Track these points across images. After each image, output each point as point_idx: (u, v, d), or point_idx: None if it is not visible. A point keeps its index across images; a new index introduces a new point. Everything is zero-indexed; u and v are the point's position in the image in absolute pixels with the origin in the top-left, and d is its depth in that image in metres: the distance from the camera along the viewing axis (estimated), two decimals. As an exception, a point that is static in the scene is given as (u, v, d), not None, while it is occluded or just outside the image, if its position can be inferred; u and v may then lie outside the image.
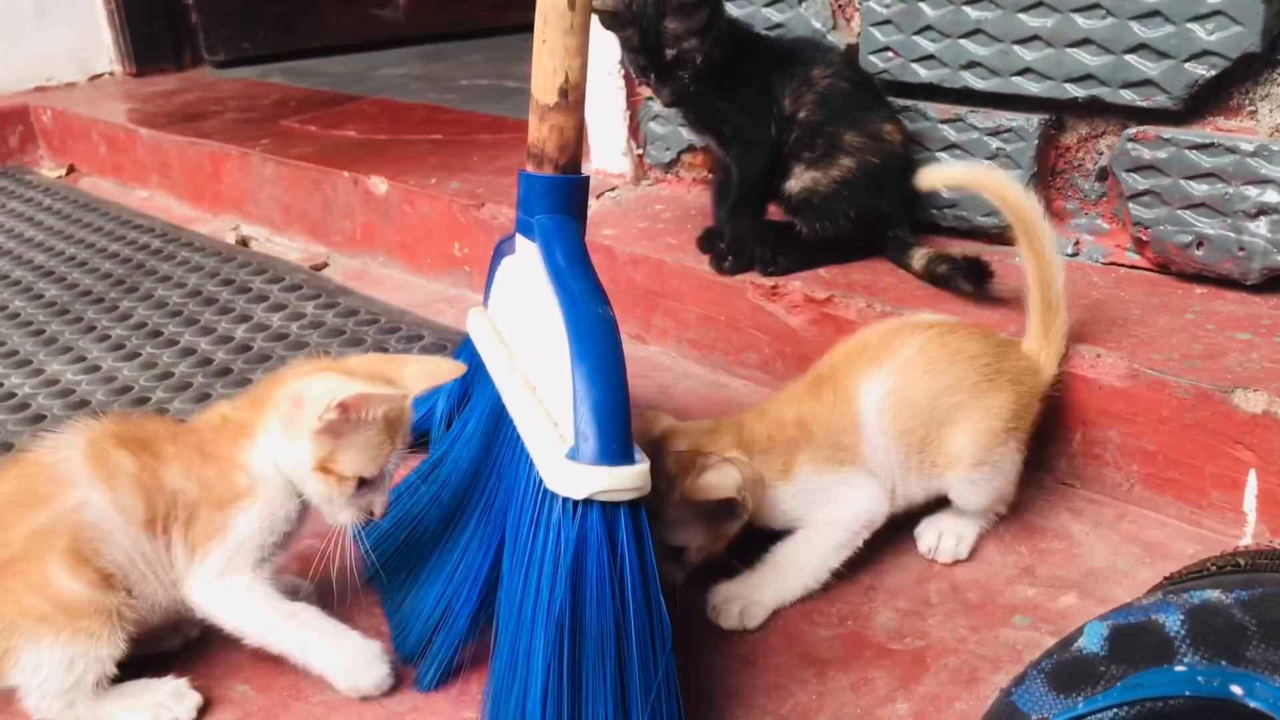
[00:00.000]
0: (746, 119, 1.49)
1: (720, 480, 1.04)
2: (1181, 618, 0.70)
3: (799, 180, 1.50)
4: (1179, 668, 0.67)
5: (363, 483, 0.99)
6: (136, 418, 1.05)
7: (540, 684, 0.82)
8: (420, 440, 1.36)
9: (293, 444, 0.98)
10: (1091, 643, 0.72)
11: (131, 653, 0.99)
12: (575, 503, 0.84)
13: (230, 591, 1.00)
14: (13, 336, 1.84)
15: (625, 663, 0.84)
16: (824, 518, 1.12)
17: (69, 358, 1.74)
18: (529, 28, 1.04)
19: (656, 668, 0.84)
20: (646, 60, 1.45)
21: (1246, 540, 1.14)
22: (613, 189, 1.91)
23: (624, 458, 0.85)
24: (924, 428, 1.12)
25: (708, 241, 1.62)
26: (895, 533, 1.19)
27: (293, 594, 1.12)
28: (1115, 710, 0.65)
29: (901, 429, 1.12)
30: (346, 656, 1.01)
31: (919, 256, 1.45)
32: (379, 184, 2.06)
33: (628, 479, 0.84)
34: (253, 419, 1.01)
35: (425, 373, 1.03)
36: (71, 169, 3.01)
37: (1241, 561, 0.89)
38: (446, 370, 1.05)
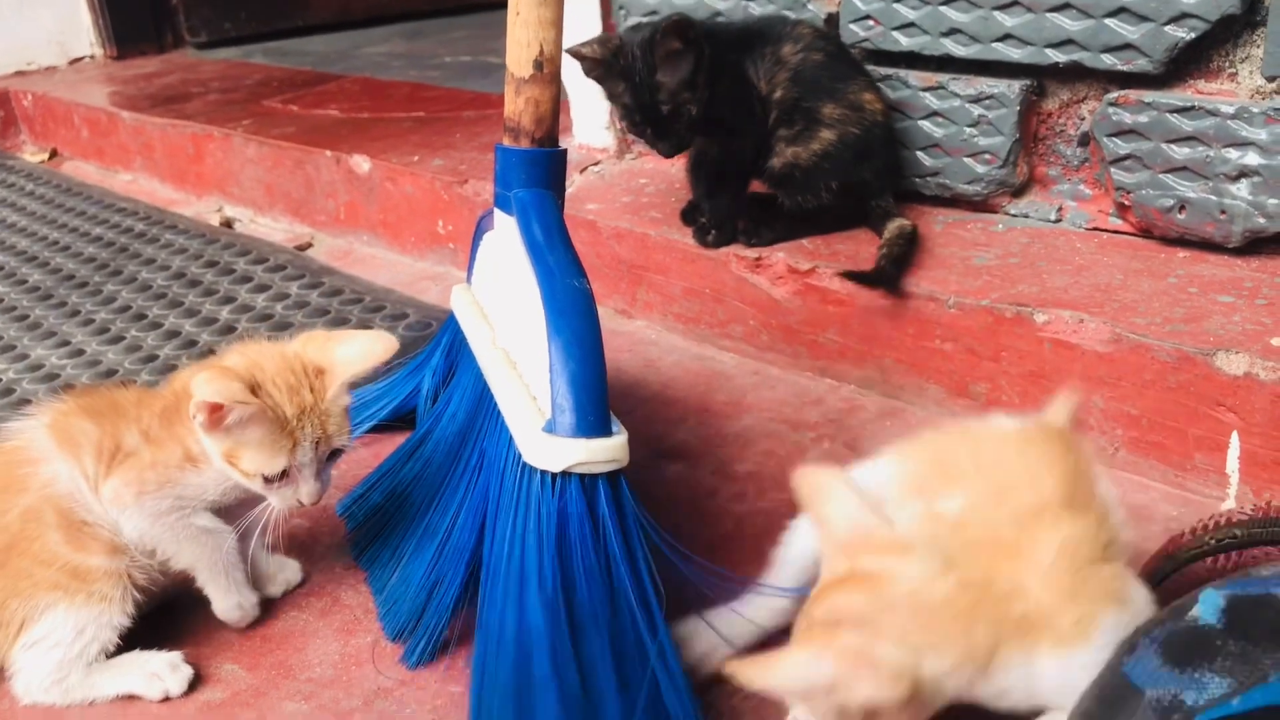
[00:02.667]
0: (728, 111, 1.47)
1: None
2: None
3: (781, 157, 1.50)
4: None
5: (283, 475, 0.97)
6: (107, 388, 1.06)
7: (545, 659, 0.83)
8: (406, 418, 1.37)
9: (204, 432, 0.97)
10: (1208, 613, 0.68)
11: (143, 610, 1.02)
12: (554, 476, 0.84)
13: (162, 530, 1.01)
14: (-4, 322, 1.84)
15: (619, 631, 0.84)
16: None
17: (53, 342, 1.73)
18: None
19: (654, 632, 0.84)
20: (642, 118, 1.44)
21: (1230, 502, 1.15)
22: (596, 164, 1.91)
23: (601, 430, 0.85)
24: None
25: (691, 215, 1.61)
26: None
27: (280, 572, 1.13)
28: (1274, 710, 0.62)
29: None
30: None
31: (889, 230, 1.45)
32: (362, 162, 2.05)
33: (605, 451, 0.84)
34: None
35: (357, 355, 1.01)
36: (54, 153, 2.99)
37: (1239, 533, 0.89)
38: (380, 350, 1.01)
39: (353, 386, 1.03)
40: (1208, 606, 0.68)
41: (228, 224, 2.32)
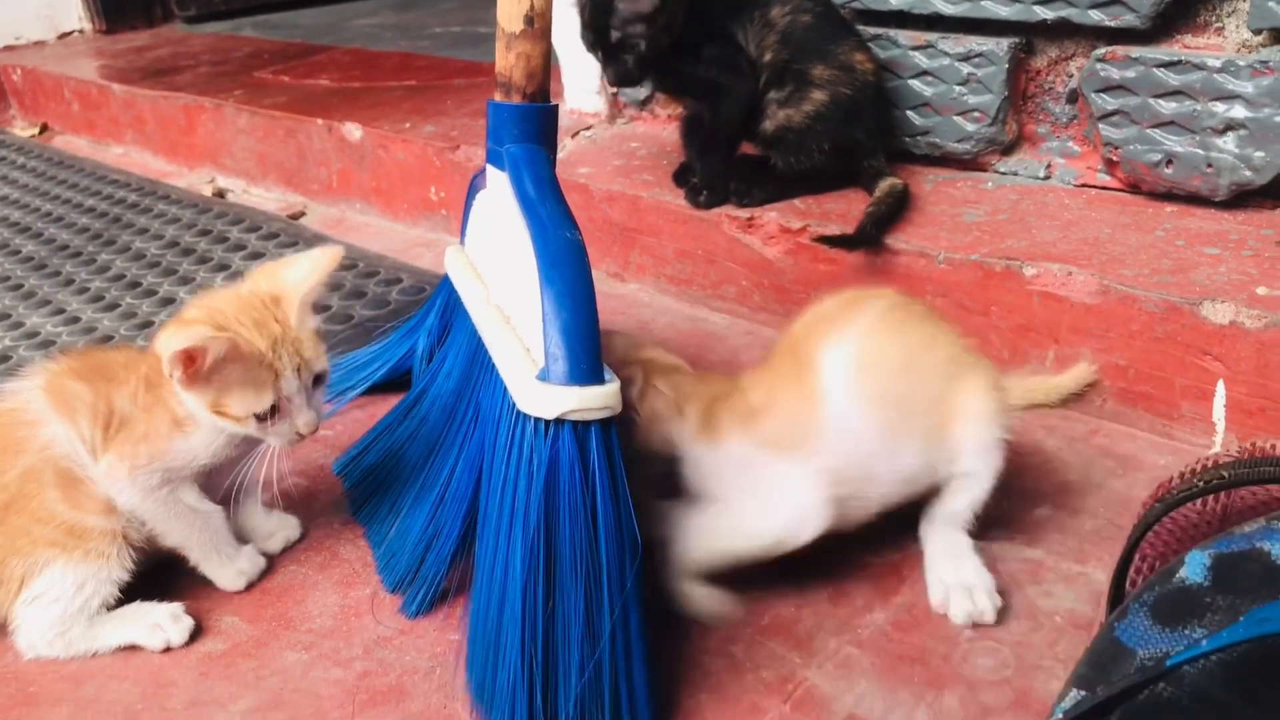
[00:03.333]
0: (717, 72, 1.48)
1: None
2: None
3: (773, 120, 1.50)
4: None
5: (274, 411, 0.97)
6: (99, 350, 1.07)
7: (518, 598, 0.84)
8: (402, 379, 1.38)
9: (183, 391, 0.97)
10: (1194, 573, 0.69)
11: (139, 566, 1.04)
12: (547, 423, 0.85)
13: (153, 506, 1.02)
14: (-9, 292, 1.84)
15: (596, 576, 0.85)
16: (740, 503, 0.98)
17: (49, 310, 1.74)
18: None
19: (625, 580, 0.85)
20: (594, 38, 1.46)
21: (1217, 449, 1.16)
22: (588, 128, 1.91)
23: (593, 377, 0.86)
24: (906, 389, 1.00)
25: (683, 176, 1.62)
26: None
27: (279, 528, 1.14)
28: (1240, 647, 0.62)
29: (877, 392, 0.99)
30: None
31: (879, 189, 1.45)
32: (353, 130, 2.05)
33: (597, 398, 0.85)
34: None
35: (307, 272, 1.00)
36: (45, 128, 2.99)
37: (1226, 474, 0.91)
38: (326, 261, 1.01)
39: (316, 309, 1.03)
40: (1194, 567, 0.70)
41: (220, 194, 2.33)
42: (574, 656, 0.84)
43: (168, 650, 1.01)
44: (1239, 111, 1.27)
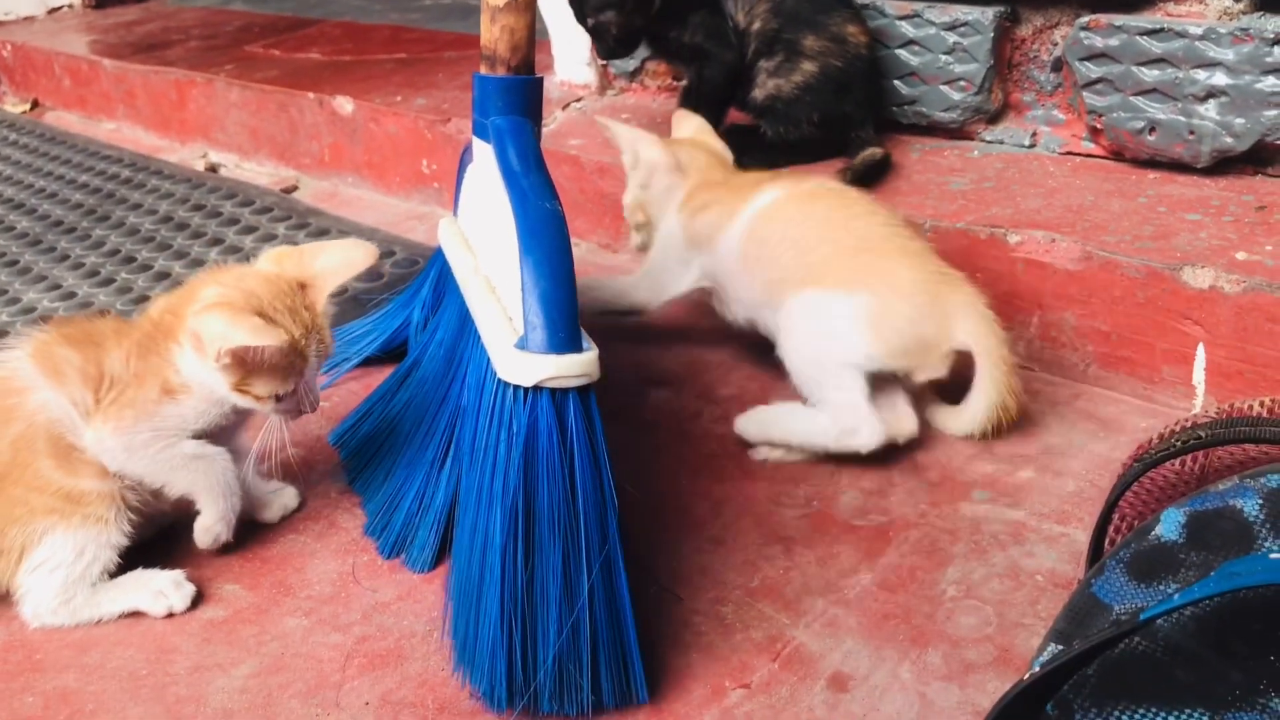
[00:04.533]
0: (702, 39, 1.51)
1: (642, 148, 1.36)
2: (1260, 502, 0.69)
3: (763, 89, 1.52)
4: (1274, 555, 0.65)
5: (288, 393, 1.02)
6: (85, 318, 1.07)
7: (496, 559, 0.86)
8: (396, 351, 1.40)
9: (206, 368, 1.00)
10: (1169, 530, 0.71)
11: (136, 537, 1.05)
12: (526, 390, 0.87)
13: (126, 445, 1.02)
14: (-13, 268, 1.86)
15: (574, 539, 0.87)
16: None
17: (45, 285, 1.75)
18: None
19: (605, 542, 0.88)
20: (577, 17, 1.56)
21: (1196, 411, 1.18)
22: (578, 100, 1.92)
23: (571, 346, 0.88)
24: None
25: (673, 147, 1.63)
26: (859, 418, 1.23)
27: (277, 498, 1.16)
28: (1213, 601, 0.64)
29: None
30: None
31: (857, 159, 1.48)
32: (345, 104, 2.06)
33: (575, 366, 0.87)
34: (175, 326, 1.02)
35: (340, 265, 1.04)
36: (35, 104, 2.98)
37: (1203, 434, 0.93)
38: (360, 258, 1.05)
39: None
40: (1169, 524, 0.72)
41: (213, 169, 2.33)
42: (552, 615, 0.86)
43: (170, 617, 1.03)
44: (1220, 79, 1.29)
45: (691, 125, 1.42)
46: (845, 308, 1.12)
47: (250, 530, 1.13)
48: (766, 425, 1.19)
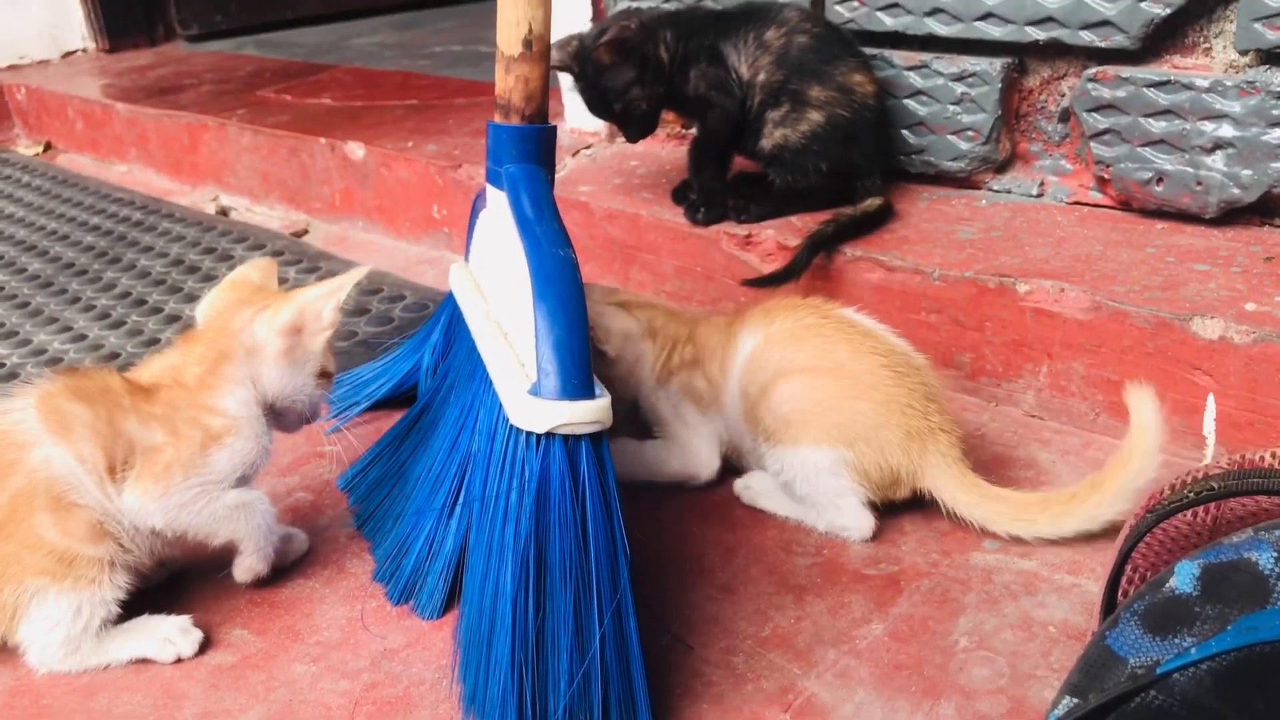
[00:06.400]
0: (705, 89, 1.53)
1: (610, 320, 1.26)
2: (1275, 555, 0.69)
3: (770, 139, 1.53)
4: None
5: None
6: (89, 370, 1.06)
7: (508, 607, 0.86)
8: (407, 394, 1.40)
9: (298, 368, 1.07)
10: (1183, 583, 0.71)
11: (132, 589, 1.04)
12: (539, 437, 0.87)
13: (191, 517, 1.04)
14: (-2, 309, 1.87)
15: (586, 587, 0.87)
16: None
17: (56, 328, 1.76)
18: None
19: (617, 591, 0.87)
20: (600, 111, 1.58)
21: (1206, 462, 1.18)
22: (588, 147, 1.94)
23: (584, 392, 0.88)
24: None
25: (682, 194, 1.65)
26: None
27: (286, 543, 1.16)
28: (1230, 655, 0.64)
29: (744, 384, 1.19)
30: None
31: (858, 208, 1.49)
32: (356, 149, 2.08)
33: (588, 413, 0.87)
34: (213, 374, 1.04)
35: (264, 272, 1.13)
36: (48, 146, 3.01)
37: (1216, 485, 0.92)
38: (272, 267, 1.16)
39: None
40: (1183, 577, 0.71)
41: (224, 212, 2.35)
42: (563, 664, 0.86)
43: (178, 662, 1.03)
44: (1227, 130, 1.30)
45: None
46: (832, 460, 1.12)
47: (259, 575, 1.13)
48: (758, 496, 1.20)
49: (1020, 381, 1.31)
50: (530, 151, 1.09)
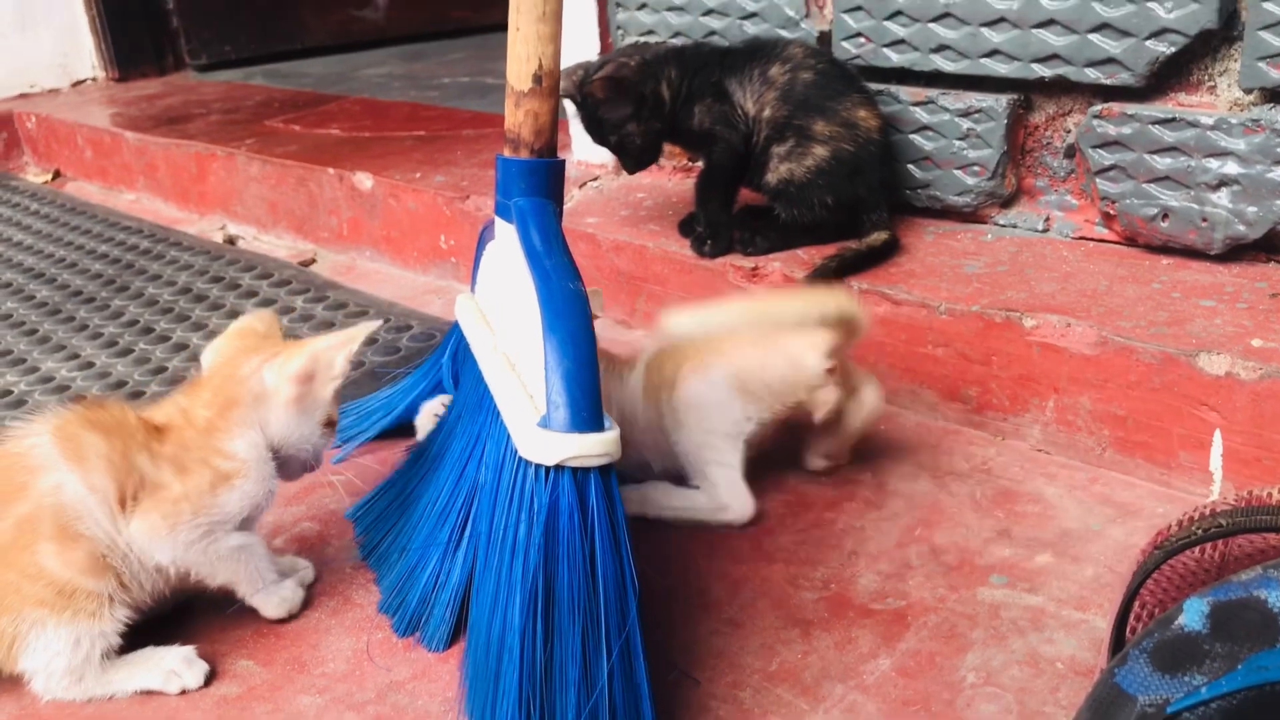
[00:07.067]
0: (710, 124, 1.55)
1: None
2: None
3: (775, 173, 1.54)
4: None
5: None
6: (105, 402, 1.07)
7: (515, 641, 0.86)
8: (413, 423, 1.40)
9: (306, 416, 1.09)
10: (1193, 620, 0.71)
11: (133, 620, 1.04)
12: (547, 469, 0.87)
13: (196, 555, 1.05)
14: (6, 336, 1.87)
15: (594, 621, 0.87)
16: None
17: (63, 355, 1.76)
18: (507, 27, 1.08)
19: (625, 625, 0.87)
20: (598, 140, 1.62)
21: (1213, 498, 1.18)
22: (595, 179, 1.95)
23: (594, 425, 0.88)
24: None
25: (689, 226, 1.66)
26: (875, 494, 1.23)
27: (291, 573, 1.16)
28: (1241, 695, 0.64)
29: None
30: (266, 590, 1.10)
31: (863, 242, 1.51)
32: (364, 180, 2.09)
33: (597, 445, 0.87)
34: (222, 417, 1.06)
35: (267, 324, 1.16)
36: (57, 174, 3.03)
37: (1224, 522, 0.92)
38: (273, 322, 1.18)
39: None
40: (1192, 614, 0.71)
41: (231, 241, 2.36)
42: (571, 699, 0.86)
43: (184, 694, 1.02)
44: (1232, 168, 1.31)
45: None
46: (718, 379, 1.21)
47: (265, 605, 1.13)
48: (643, 502, 1.24)
49: (1027, 416, 1.31)
50: (539, 185, 1.09)
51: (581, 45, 1.89)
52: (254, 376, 1.07)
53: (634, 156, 1.61)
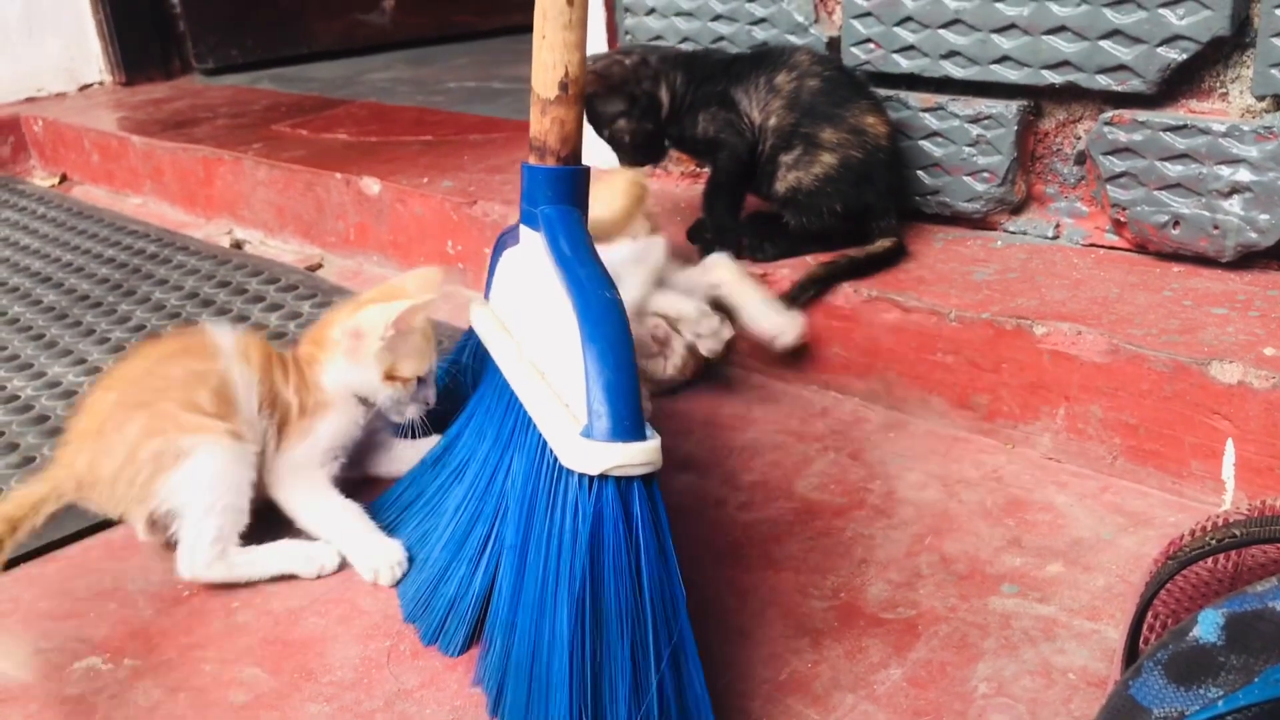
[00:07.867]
0: (714, 131, 1.56)
1: None
2: None
3: (783, 181, 1.54)
4: None
5: (419, 381, 1.24)
6: (258, 337, 1.29)
7: (564, 657, 0.85)
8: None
9: (359, 367, 1.22)
10: (1207, 632, 0.70)
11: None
12: (591, 479, 0.87)
13: (299, 482, 1.23)
14: (13, 341, 1.87)
15: (642, 632, 0.86)
16: None
17: (70, 360, 1.76)
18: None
19: (673, 636, 0.87)
20: (595, 130, 1.64)
21: (1226, 507, 1.17)
22: (602, 184, 1.94)
23: (636, 434, 0.87)
24: None
25: (697, 233, 1.65)
26: (885, 503, 1.23)
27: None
28: (1257, 708, 0.64)
29: None
30: (370, 549, 1.19)
31: (866, 249, 1.51)
32: (371, 184, 2.09)
33: (641, 454, 0.87)
34: (317, 353, 1.25)
35: (422, 283, 1.28)
36: (64, 178, 3.03)
37: (1238, 532, 0.92)
38: (435, 279, 1.28)
39: None
40: (1207, 626, 0.71)
41: (238, 246, 2.36)
42: (621, 713, 0.85)
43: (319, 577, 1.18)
44: (1244, 175, 1.30)
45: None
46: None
47: (271, 613, 1.13)
48: None
49: (1037, 424, 1.31)
50: (565, 192, 1.09)
51: (589, 50, 1.88)
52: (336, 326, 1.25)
53: (627, 151, 1.63)
